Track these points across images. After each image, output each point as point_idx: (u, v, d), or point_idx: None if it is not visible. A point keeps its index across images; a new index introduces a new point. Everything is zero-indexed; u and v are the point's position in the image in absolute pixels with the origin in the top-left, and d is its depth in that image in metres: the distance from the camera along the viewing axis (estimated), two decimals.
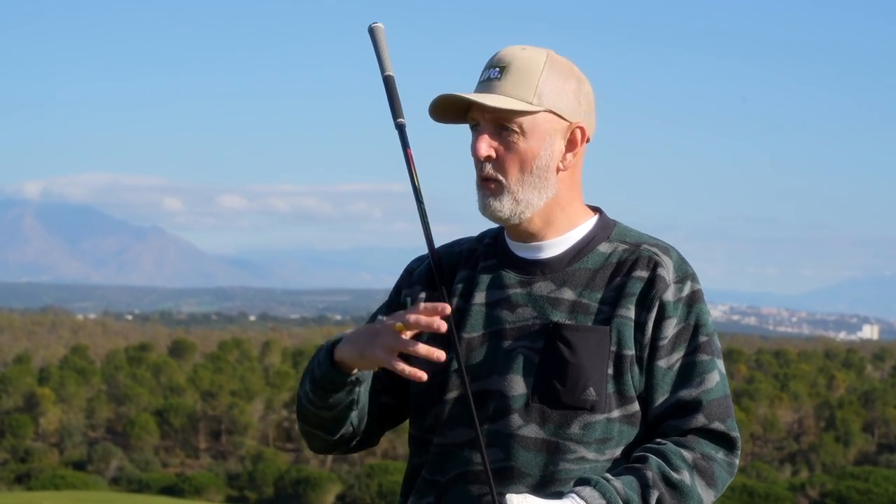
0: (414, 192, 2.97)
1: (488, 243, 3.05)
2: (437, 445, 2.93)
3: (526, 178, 2.90)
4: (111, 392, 74.95)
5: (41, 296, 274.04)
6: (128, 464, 62.48)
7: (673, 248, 2.98)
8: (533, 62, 2.90)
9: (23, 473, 60.41)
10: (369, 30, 3.12)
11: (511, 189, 2.90)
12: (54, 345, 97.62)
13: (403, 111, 3.02)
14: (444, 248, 3.10)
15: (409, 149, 2.99)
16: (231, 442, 70.21)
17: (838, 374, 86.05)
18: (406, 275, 3.10)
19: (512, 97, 2.87)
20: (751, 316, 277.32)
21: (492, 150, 2.89)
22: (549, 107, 2.90)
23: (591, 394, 2.84)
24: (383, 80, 3.06)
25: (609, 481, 2.75)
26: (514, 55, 2.91)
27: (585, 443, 2.84)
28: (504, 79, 2.88)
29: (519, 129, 2.89)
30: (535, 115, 2.89)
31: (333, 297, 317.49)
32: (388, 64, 3.07)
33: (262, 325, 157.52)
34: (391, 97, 3.04)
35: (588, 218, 3.00)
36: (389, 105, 3.04)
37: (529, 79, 2.88)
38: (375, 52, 3.09)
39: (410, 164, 2.97)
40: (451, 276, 3.03)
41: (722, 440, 2.88)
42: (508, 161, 2.89)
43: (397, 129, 3.01)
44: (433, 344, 2.89)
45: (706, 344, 2.91)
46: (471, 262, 3.03)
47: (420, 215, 2.96)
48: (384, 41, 3.10)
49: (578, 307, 2.90)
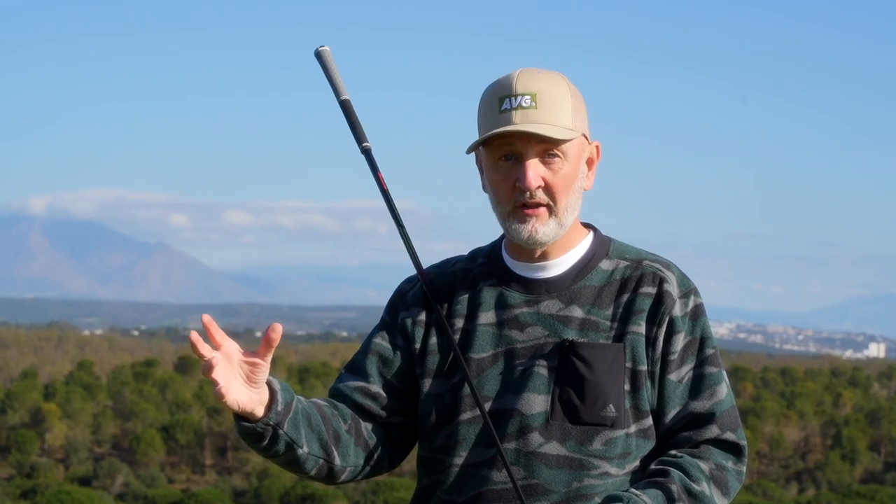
0: (392, 216, 2.98)
1: (483, 262, 3.06)
2: (453, 466, 2.93)
3: (570, 201, 2.93)
4: (117, 408, 74.93)
5: (47, 311, 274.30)
6: (133, 479, 62.43)
7: (673, 264, 3.03)
8: (559, 87, 2.92)
9: (28, 489, 60.36)
10: (316, 54, 3.09)
11: (558, 213, 2.92)
12: (60, 360, 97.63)
13: (366, 133, 3.00)
14: (434, 268, 3.11)
15: (380, 173, 3.00)
16: (237, 458, 70.15)
17: (845, 392, 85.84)
18: (399, 296, 3.10)
19: (555, 125, 2.89)
20: (757, 334, 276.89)
21: (541, 180, 2.90)
22: (582, 130, 2.94)
23: (610, 410, 2.88)
24: (340, 104, 3.05)
25: (639, 496, 2.79)
26: (538, 81, 2.91)
27: (608, 458, 2.88)
28: (541, 107, 2.88)
29: (563, 155, 2.91)
30: (573, 140, 2.93)
31: (340, 313, 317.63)
32: (342, 87, 3.06)
33: None
34: (351, 122, 3.04)
35: (584, 235, 3.04)
36: (351, 130, 3.03)
37: (564, 105, 2.90)
38: (327, 77, 3.07)
39: (384, 187, 2.99)
40: (449, 297, 3.04)
41: (732, 449, 2.94)
42: (556, 187, 2.91)
43: (364, 154, 3.01)
44: (442, 365, 2.96)
45: (713, 356, 2.97)
46: (468, 282, 3.04)
47: (402, 238, 2.99)
48: (334, 64, 3.08)
49: (588, 325, 2.93)
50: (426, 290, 3.01)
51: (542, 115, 2.88)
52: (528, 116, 2.87)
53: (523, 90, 2.89)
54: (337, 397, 3.06)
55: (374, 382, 3.03)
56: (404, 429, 3.07)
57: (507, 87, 2.91)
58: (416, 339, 3.02)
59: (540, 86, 2.90)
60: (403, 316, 3.05)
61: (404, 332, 3.04)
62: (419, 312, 3.03)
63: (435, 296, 3.02)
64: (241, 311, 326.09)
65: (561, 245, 2.98)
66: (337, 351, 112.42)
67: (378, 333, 3.08)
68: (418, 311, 3.04)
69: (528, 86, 2.89)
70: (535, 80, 2.91)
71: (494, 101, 2.91)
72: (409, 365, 3.03)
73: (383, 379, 3.03)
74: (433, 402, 2.98)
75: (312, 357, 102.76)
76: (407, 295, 3.08)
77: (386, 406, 3.03)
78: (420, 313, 3.03)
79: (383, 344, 3.05)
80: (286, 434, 2.85)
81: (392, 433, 3.06)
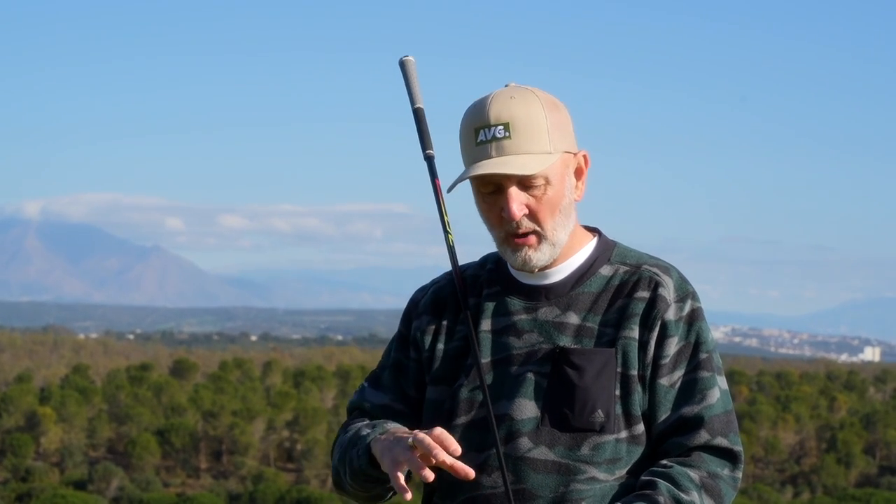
0: (441, 223, 3.03)
1: (491, 269, 3.09)
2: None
3: (557, 221, 2.95)
4: (112, 412, 74.88)
5: (43, 315, 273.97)
6: (129, 483, 62.39)
7: (673, 268, 3.02)
8: (533, 109, 2.91)
9: (23, 493, 60.31)
10: (400, 63, 3.19)
11: (547, 237, 2.94)
12: (55, 364, 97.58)
13: (432, 143, 3.10)
14: (446, 276, 3.14)
15: (438, 179, 3.05)
16: (232, 462, 70.12)
17: (840, 396, 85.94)
18: (412, 306, 3.14)
19: (532, 153, 2.90)
20: (752, 337, 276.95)
21: (524, 209, 2.92)
22: (562, 149, 2.94)
23: (599, 415, 2.88)
24: (413, 112, 3.13)
25: None
26: (510, 108, 2.91)
27: (596, 463, 2.87)
28: (515, 136, 2.90)
29: (545, 180, 2.92)
30: (555, 161, 2.93)
31: (335, 317, 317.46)
32: (419, 97, 3.14)
33: (263, 345, 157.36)
34: (420, 129, 3.11)
35: (587, 240, 3.05)
36: (419, 137, 3.11)
37: (539, 129, 2.90)
38: (406, 85, 3.16)
39: (439, 194, 3.04)
40: (456, 304, 3.07)
41: (726, 455, 2.92)
42: (541, 212, 2.93)
43: (426, 161, 3.08)
44: (451, 370, 2.99)
45: (706, 361, 2.95)
46: (476, 289, 3.07)
47: (448, 246, 3.04)
48: (415, 74, 3.16)
49: (583, 331, 2.95)
50: (459, 293, 3.05)
51: (516, 144, 2.89)
52: (503, 148, 2.89)
53: (496, 120, 2.90)
54: (363, 412, 3.12)
55: (397, 399, 3.08)
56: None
57: (481, 116, 2.92)
58: (425, 348, 3.06)
59: (512, 113, 2.90)
60: (415, 325, 3.10)
61: (415, 343, 3.08)
62: (429, 321, 3.08)
63: (444, 303, 3.09)
64: (237, 314, 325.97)
65: (563, 251, 3.00)
66: (332, 354, 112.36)
67: (396, 346, 3.13)
68: (428, 320, 3.08)
69: (501, 115, 2.90)
70: (507, 107, 2.91)
71: (471, 133, 2.93)
72: (423, 375, 3.08)
73: (404, 393, 3.08)
74: (434, 409, 3.01)
75: (308, 360, 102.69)
76: (419, 304, 3.12)
77: (410, 420, 3.05)
78: (429, 321, 3.08)
79: (400, 357, 3.11)
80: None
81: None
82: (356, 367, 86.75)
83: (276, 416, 73.33)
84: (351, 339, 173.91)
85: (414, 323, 3.10)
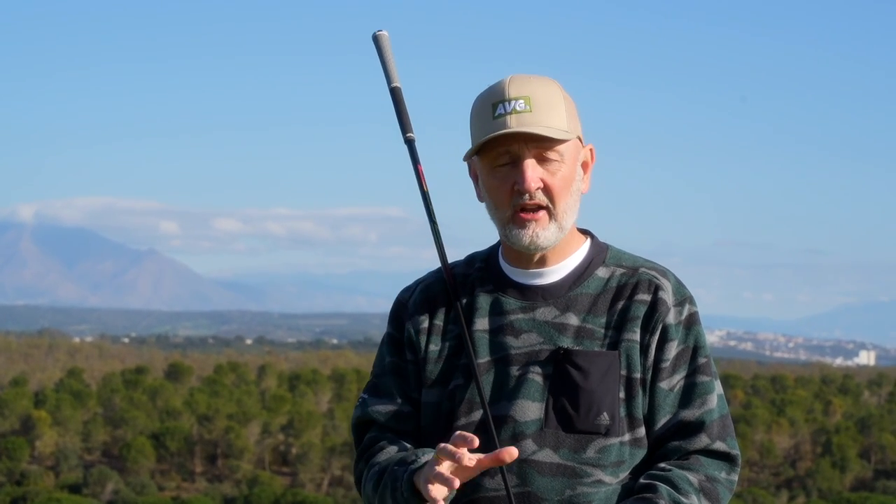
0: (426, 210, 2.96)
1: (480, 267, 3.04)
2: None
3: (569, 203, 2.92)
4: (107, 415, 74.77)
5: (38, 318, 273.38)
6: (123, 487, 62.29)
7: (670, 271, 3.01)
8: (552, 91, 2.91)
9: (18, 496, 60.21)
10: (373, 38, 3.08)
11: (557, 216, 2.90)
12: (50, 367, 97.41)
13: (412, 125, 2.98)
14: (433, 274, 3.08)
15: (420, 165, 2.98)
16: (227, 465, 70.04)
17: (835, 399, 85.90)
18: (401, 307, 3.06)
19: (551, 126, 2.87)
20: (747, 341, 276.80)
21: (539, 182, 2.88)
22: (576, 133, 2.93)
23: (604, 418, 2.86)
24: (390, 91, 3.02)
25: None
26: (531, 84, 2.90)
27: (602, 466, 2.86)
28: (536, 111, 2.86)
29: (560, 157, 2.89)
30: (569, 141, 2.91)
31: (330, 320, 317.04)
32: (395, 75, 3.03)
33: (258, 348, 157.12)
34: (399, 110, 3.01)
35: (581, 242, 3.03)
36: (398, 119, 3.01)
37: (558, 107, 2.89)
38: (381, 62, 3.04)
39: (421, 180, 2.97)
40: (446, 303, 3.01)
41: (724, 459, 2.92)
42: (556, 188, 2.89)
43: (407, 145, 2.99)
44: (445, 371, 2.94)
45: (705, 365, 2.95)
46: (466, 288, 3.01)
47: (433, 234, 2.96)
48: (389, 50, 3.05)
49: (584, 332, 2.92)
50: (448, 286, 2.99)
51: (537, 117, 2.85)
52: (523, 120, 2.85)
53: (517, 94, 2.87)
54: (372, 424, 3.03)
55: (404, 403, 3.00)
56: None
57: (500, 92, 2.89)
58: (419, 349, 3.00)
59: (533, 90, 2.88)
60: (408, 327, 3.02)
61: (410, 344, 3.01)
62: (420, 321, 3.01)
63: (434, 302, 3.01)
64: (232, 318, 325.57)
65: (558, 251, 2.96)
66: (327, 358, 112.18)
67: (390, 350, 3.05)
68: (420, 320, 3.01)
69: (522, 90, 2.87)
70: (528, 84, 2.89)
71: (488, 108, 2.89)
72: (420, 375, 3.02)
73: (408, 396, 3.01)
74: (432, 411, 2.96)
75: (303, 364, 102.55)
76: (408, 304, 3.05)
77: (416, 423, 3.01)
78: (421, 321, 3.01)
79: (397, 360, 3.03)
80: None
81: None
82: (351, 370, 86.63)
83: (272, 419, 73.23)
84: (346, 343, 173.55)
85: (407, 324, 3.01)
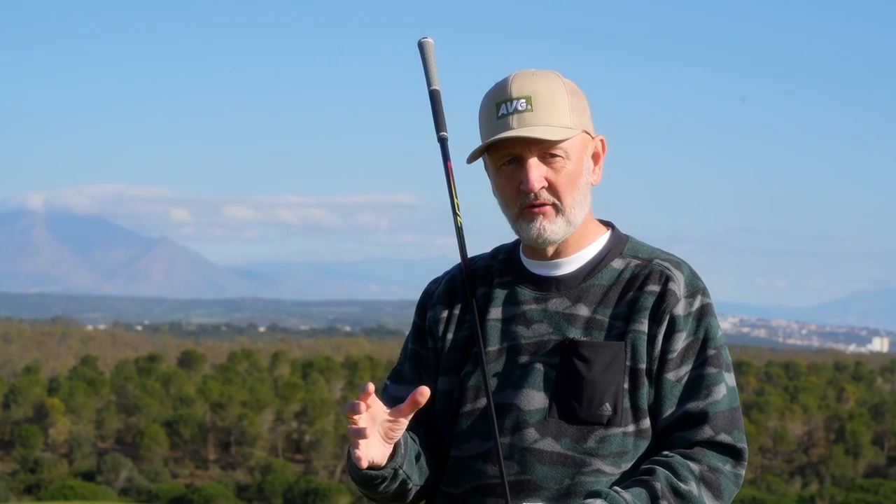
0: (451, 205, 3.06)
1: (503, 259, 3.11)
2: (452, 458, 2.97)
3: (576, 198, 2.96)
4: (121, 403, 75.06)
5: (51, 306, 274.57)
6: (137, 474, 62.54)
7: (685, 263, 3.02)
8: (554, 86, 2.95)
9: (32, 484, 60.48)
10: (419, 44, 3.21)
11: (565, 211, 2.95)
12: (64, 355, 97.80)
13: (447, 125, 3.12)
14: (459, 266, 3.15)
15: (450, 162, 3.08)
16: (240, 453, 70.28)
17: (848, 386, 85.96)
18: (427, 297, 3.16)
19: (553, 125, 2.92)
20: (760, 328, 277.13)
21: (544, 181, 2.93)
22: (581, 128, 2.96)
23: (606, 409, 2.88)
24: (430, 93, 3.15)
25: (619, 493, 2.79)
26: (533, 83, 2.95)
27: (602, 456, 2.87)
28: (537, 109, 2.92)
29: (564, 154, 2.94)
30: (574, 137, 2.95)
31: (343, 308, 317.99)
32: (435, 78, 3.16)
33: (271, 336, 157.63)
34: (436, 111, 3.14)
35: (601, 233, 3.06)
36: (434, 118, 3.13)
37: (560, 104, 2.93)
38: (424, 66, 3.18)
39: (450, 177, 3.07)
40: (471, 293, 3.07)
41: (729, 452, 2.91)
42: (560, 185, 2.94)
43: (439, 143, 3.11)
44: (459, 359, 3.01)
45: (714, 357, 2.94)
46: (487, 279, 3.09)
47: (456, 229, 3.06)
48: (433, 56, 3.19)
49: (593, 323, 2.95)
50: (466, 283, 3.08)
51: (538, 116, 2.92)
52: (524, 120, 2.91)
53: (518, 94, 2.93)
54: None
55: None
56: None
57: (503, 91, 2.96)
58: (439, 338, 3.07)
59: (535, 88, 2.94)
60: (430, 316, 3.10)
61: (432, 333, 3.09)
62: (442, 311, 3.09)
63: (455, 293, 3.10)
64: (245, 305, 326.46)
65: (574, 243, 3.01)
66: (340, 346, 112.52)
67: (413, 339, 3.14)
68: (441, 310, 3.09)
69: (523, 89, 2.94)
70: (530, 82, 2.95)
71: (492, 108, 2.96)
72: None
73: (425, 384, 3.00)
74: (445, 398, 3.02)
75: (316, 352, 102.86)
76: (433, 295, 3.14)
77: (433, 409, 3.04)
78: (442, 311, 3.09)
79: (418, 349, 3.11)
80: (404, 472, 2.90)
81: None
82: (364, 357, 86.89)
83: (285, 407, 73.47)
84: (359, 330, 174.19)
85: (429, 313, 3.10)
